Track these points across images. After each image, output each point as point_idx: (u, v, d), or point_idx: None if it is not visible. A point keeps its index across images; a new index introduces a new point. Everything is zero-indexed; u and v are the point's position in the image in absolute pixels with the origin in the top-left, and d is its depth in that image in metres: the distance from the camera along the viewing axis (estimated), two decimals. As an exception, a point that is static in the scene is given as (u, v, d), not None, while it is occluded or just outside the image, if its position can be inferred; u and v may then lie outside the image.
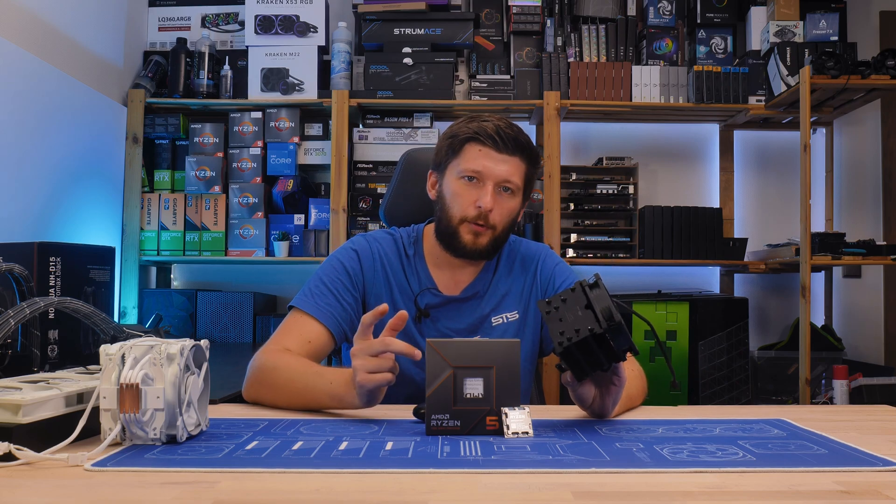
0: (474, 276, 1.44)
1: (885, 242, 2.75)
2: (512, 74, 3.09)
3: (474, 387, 1.00)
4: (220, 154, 3.00)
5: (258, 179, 2.98)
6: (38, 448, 0.82)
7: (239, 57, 3.08)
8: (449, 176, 1.39)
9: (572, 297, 1.02)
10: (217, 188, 2.97)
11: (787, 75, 2.82)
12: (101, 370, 0.89)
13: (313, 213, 3.00)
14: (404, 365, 1.39)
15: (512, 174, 1.36)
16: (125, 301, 2.87)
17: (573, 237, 3.00)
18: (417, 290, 1.41)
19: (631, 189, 3.05)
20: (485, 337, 1.40)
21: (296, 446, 0.90)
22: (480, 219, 1.35)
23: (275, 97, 2.99)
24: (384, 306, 1.07)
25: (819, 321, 3.12)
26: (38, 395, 0.85)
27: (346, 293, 1.37)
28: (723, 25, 3.12)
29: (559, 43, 3.10)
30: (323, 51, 3.06)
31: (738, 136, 3.31)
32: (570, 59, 3.06)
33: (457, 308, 1.42)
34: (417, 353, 1.04)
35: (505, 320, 1.44)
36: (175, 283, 3.21)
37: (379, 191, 2.97)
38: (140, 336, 1.03)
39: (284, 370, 1.22)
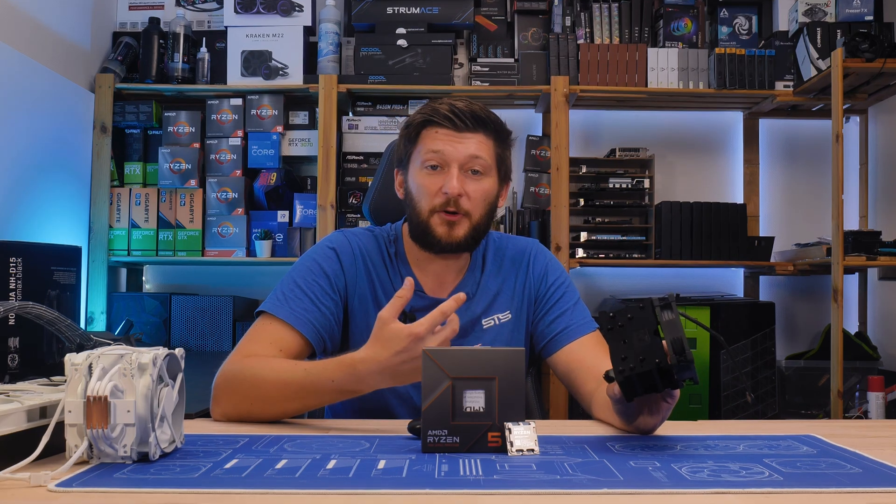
0: (461, 276, 1.44)
1: (924, 241, 2.75)
2: (516, 58, 3.09)
3: (475, 400, 1.00)
4: (197, 145, 3.00)
5: (238, 173, 2.98)
6: (-3, 467, 0.82)
7: (217, 38, 3.08)
8: (412, 169, 1.39)
9: (640, 315, 1.03)
10: (193, 182, 2.97)
11: (818, 58, 2.82)
12: (66, 381, 0.89)
13: (298, 209, 3.00)
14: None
15: (476, 151, 1.35)
16: (92, 306, 2.87)
17: (583, 236, 3.00)
18: None
19: (646, 183, 3.05)
20: (475, 341, 1.40)
21: (279, 465, 0.90)
22: (450, 206, 1.34)
23: (256, 82, 2.98)
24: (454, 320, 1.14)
25: (852, 328, 3.12)
26: (-4, 409, 0.85)
27: (325, 297, 1.36)
28: (747, 4, 3.12)
29: (568, 23, 3.11)
30: (309, 32, 3.06)
31: (764, 124, 3.31)
32: (580, 41, 3.06)
33: None
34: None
35: (497, 322, 1.44)
36: (147, 286, 3.20)
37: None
38: (109, 344, 1.03)
39: (268, 373, 1.21)
